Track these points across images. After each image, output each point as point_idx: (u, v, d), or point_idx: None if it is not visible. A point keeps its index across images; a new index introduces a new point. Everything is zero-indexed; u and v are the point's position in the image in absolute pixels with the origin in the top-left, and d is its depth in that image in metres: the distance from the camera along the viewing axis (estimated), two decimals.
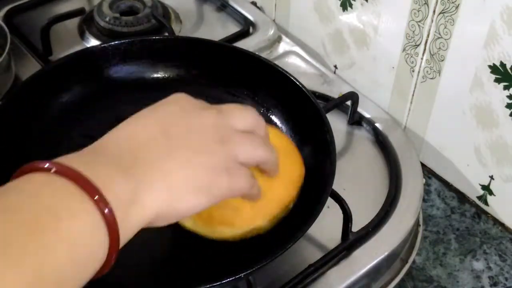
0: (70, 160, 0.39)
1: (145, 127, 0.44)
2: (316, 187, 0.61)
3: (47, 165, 0.38)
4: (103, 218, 0.37)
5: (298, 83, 0.69)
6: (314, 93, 0.71)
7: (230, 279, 0.53)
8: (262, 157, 0.50)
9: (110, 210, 0.37)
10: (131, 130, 0.44)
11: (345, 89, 0.79)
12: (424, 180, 0.72)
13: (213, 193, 0.45)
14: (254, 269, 0.53)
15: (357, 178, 0.71)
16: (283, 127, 0.72)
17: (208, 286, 0.52)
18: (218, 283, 0.52)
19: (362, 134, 0.77)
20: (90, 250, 0.37)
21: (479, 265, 0.74)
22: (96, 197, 0.37)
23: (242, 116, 0.50)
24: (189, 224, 0.58)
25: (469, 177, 0.75)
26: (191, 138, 0.45)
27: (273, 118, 0.73)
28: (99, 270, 0.39)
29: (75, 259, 0.36)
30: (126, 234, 0.39)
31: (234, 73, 0.75)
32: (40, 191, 0.37)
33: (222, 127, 0.47)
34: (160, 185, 0.41)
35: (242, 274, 0.53)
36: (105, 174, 0.39)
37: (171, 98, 0.48)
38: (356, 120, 0.78)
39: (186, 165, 0.43)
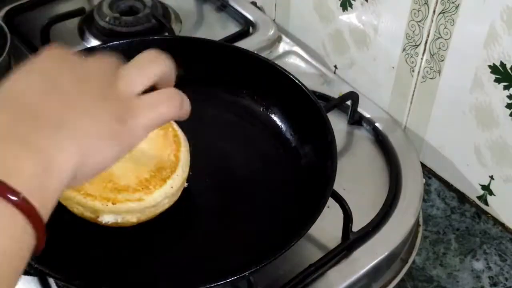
0: None
1: (32, 83, 0.41)
2: (317, 187, 0.61)
3: None
4: (18, 209, 0.35)
5: (298, 83, 0.69)
6: (314, 93, 0.71)
7: (234, 277, 0.53)
8: (156, 72, 0.47)
9: (20, 197, 0.35)
10: (17, 90, 0.40)
11: (345, 89, 0.79)
12: (424, 180, 0.72)
13: (126, 140, 0.43)
14: (257, 268, 0.53)
15: (357, 178, 0.71)
16: (283, 126, 0.72)
17: (211, 285, 0.52)
18: (222, 282, 0.52)
19: (362, 134, 0.77)
20: (16, 242, 0.36)
21: (479, 265, 0.74)
22: (1, 191, 0.35)
23: (109, 59, 0.47)
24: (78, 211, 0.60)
25: (469, 177, 0.75)
26: (82, 88, 0.42)
27: (273, 117, 0.73)
28: (35, 250, 0.38)
29: (4, 256, 0.35)
30: (47, 206, 0.38)
31: (234, 73, 0.75)
32: None
33: (106, 70, 0.45)
34: (68, 143, 0.39)
35: (246, 273, 0.53)
36: (4, 156, 0.36)
37: (45, 52, 0.44)
38: (356, 120, 0.78)
39: (87, 117, 0.41)
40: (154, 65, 0.47)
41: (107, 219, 0.59)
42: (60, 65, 0.43)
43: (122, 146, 0.42)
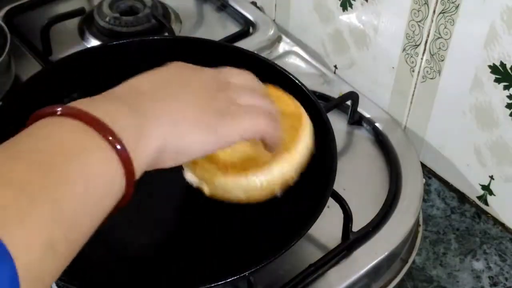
0: (78, 103, 0.41)
1: (149, 79, 0.47)
2: (317, 187, 0.61)
3: (57, 109, 0.39)
4: (116, 152, 0.39)
5: (298, 83, 0.69)
6: (314, 93, 0.71)
7: (234, 277, 0.53)
8: (263, 97, 0.51)
9: (121, 144, 0.39)
10: (135, 82, 0.46)
11: (345, 89, 0.79)
12: (424, 180, 0.72)
13: (220, 134, 0.46)
14: (257, 267, 0.53)
15: (357, 178, 0.71)
16: None
17: (211, 285, 0.52)
18: (222, 282, 0.52)
19: (362, 134, 0.77)
20: (106, 184, 0.39)
21: (479, 265, 0.74)
22: (105, 133, 0.39)
23: (238, 74, 0.53)
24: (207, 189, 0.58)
25: (469, 177, 0.75)
26: (192, 86, 0.47)
27: None
28: (118, 203, 0.40)
29: (92, 193, 0.37)
30: (138, 166, 0.41)
31: None
32: (52, 132, 0.38)
33: (219, 80, 0.50)
34: (165, 119, 0.43)
35: (246, 273, 0.53)
36: (111, 110, 0.41)
37: (171, 64, 0.51)
38: (356, 120, 0.78)
39: (190, 105, 0.45)
40: (263, 91, 0.53)
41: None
42: (178, 71, 0.49)
43: (212, 139, 0.46)
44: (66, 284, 0.58)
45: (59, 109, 0.39)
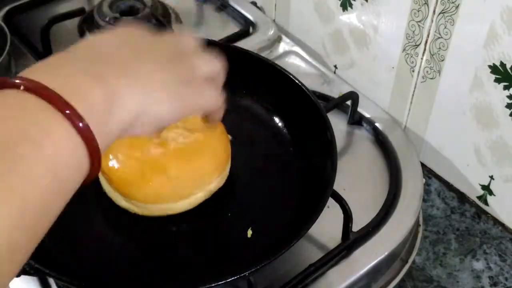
0: (40, 73, 0.38)
1: (107, 40, 0.44)
2: (317, 187, 0.61)
3: (16, 81, 0.37)
4: (78, 132, 0.37)
5: (298, 83, 0.70)
6: (314, 93, 0.71)
7: (234, 277, 0.53)
8: (221, 74, 0.51)
9: (84, 123, 0.37)
10: (92, 43, 0.43)
11: (345, 89, 0.79)
12: (424, 180, 0.72)
13: (186, 103, 0.45)
14: (257, 268, 0.53)
15: (357, 178, 0.71)
16: (283, 126, 0.72)
17: (211, 285, 0.53)
18: (222, 282, 0.52)
19: (362, 134, 0.77)
20: (71, 166, 0.37)
21: (479, 265, 0.74)
22: (68, 111, 0.36)
23: (192, 39, 0.50)
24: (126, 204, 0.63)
25: (469, 177, 0.75)
26: (153, 50, 0.45)
27: (273, 117, 0.73)
28: (86, 179, 0.39)
29: (58, 178, 0.36)
30: (106, 140, 0.39)
31: (234, 73, 0.75)
32: (12, 114, 0.36)
33: (179, 45, 0.48)
34: (134, 88, 0.41)
35: (246, 273, 0.53)
36: (76, 85, 0.38)
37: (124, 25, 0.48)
38: (356, 120, 0.78)
39: (158, 70, 0.43)
40: (221, 67, 0.51)
41: None
42: (135, 33, 0.46)
43: (180, 109, 0.44)
44: (66, 284, 0.58)
45: (20, 82, 0.36)
